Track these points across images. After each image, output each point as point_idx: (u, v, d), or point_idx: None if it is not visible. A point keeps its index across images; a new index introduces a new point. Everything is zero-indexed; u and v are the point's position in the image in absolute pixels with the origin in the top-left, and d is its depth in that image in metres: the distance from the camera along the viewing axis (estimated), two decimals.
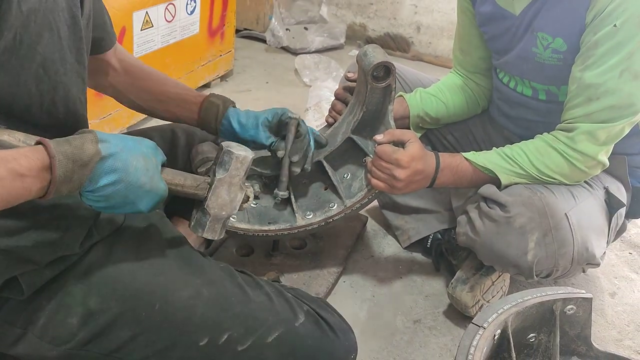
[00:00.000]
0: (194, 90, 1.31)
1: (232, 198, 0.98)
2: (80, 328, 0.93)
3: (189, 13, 2.31)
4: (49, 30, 0.83)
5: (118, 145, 0.82)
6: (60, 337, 0.93)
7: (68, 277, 0.93)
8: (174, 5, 2.19)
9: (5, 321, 0.93)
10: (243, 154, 0.97)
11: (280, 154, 1.21)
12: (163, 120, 1.31)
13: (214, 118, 1.22)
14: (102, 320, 0.93)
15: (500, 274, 1.45)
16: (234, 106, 1.25)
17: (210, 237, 1.01)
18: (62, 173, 0.75)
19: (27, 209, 0.83)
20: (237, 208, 1.00)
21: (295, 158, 1.22)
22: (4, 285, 0.89)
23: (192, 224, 1.01)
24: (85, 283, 0.93)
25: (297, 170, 1.25)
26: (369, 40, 3.50)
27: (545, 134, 1.28)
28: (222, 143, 0.99)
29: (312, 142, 1.26)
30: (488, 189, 1.28)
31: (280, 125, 1.21)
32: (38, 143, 0.77)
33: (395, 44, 3.40)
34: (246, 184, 1.01)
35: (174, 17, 2.22)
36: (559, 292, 0.95)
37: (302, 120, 1.22)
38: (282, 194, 1.26)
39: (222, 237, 1.03)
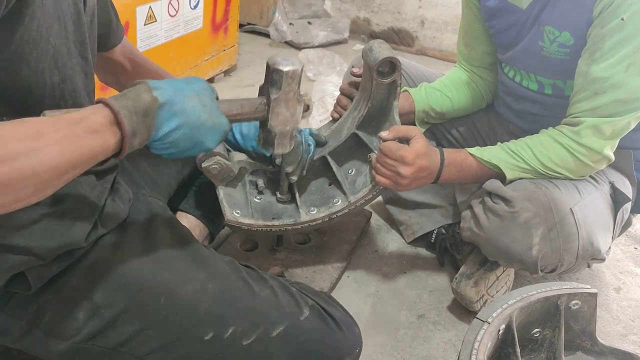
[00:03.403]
0: None
1: (292, 112, 1.01)
2: (86, 322, 0.93)
3: (193, 7, 2.30)
4: (57, 23, 0.83)
5: (170, 89, 0.82)
6: (66, 331, 0.94)
7: (74, 271, 0.93)
8: (177, 0, 2.19)
9: (11, 315, 0.93)
10: (291, 68, 0.97)
11: (278, 161, 1.26)
12: None
13: None
14: (107, 315, 0.93)
15: (505, 269, 1.44)
16: None
17: (281, 152, 1.06)
18: (129, 126, 0.75)
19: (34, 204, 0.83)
20: (299, 120, 1.03)
21: (289, 169, 1.27)
22: (11, 280, 0.89)
23: (261, 143, 1.04)
24: (91, 277, 0.94)
25: (294, 178, 1.29)
26: (373, 35, 3.49)
27: (550, 128, 1.28)
28: (268, 60, 1.00)
29: (312, 147, 1.29)
30: (493, 184, 1.27)
31: None
32: (97, 102, 0.77)
33: (399, 38, 3.39)
34: (302, 94, 1.03)
35: (177, 11, 2.21)
36: (563, 287, 0.94)
37: (298, 131, 1.25)
38: (283, 197, 1.35)
39: (292, 148, 1.08)
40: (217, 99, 0.93)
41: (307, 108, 1.03)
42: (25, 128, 0.67)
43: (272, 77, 0.98)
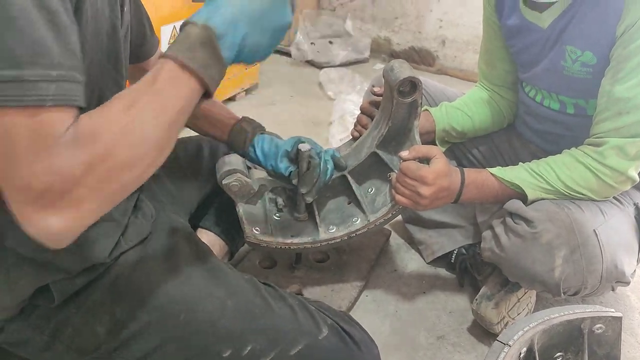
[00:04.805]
0: (228, 110, 1.34)
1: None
2: (107, 337, 0.94)
3: None
4: (95, 36, 0.85)
5: (212, 7, 0.76)
6: (87, 345, 0.95)
7: (96, 286, 0.95)
8: None
9: (34, 327, 0.95)
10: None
11: (295, 182, 1.26)
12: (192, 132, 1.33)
13: (242, 143, 1.27)
14: (128, 330, 0.94)
15: (527, 290, 1.42)
16: (263, 132, 1.29)
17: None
18: (192, 62, 0.72)
19: None
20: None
21: (304, 190, 1.27)
22: (36, 292, 0.91)
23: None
24: (113, 292, 0.95)
25: (309, 199, 1.29)
26: (394, 54, 3.51)
27: (573, 148, 1.27)
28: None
29: (329, 170, 1.28)
30: (514, 204, 1.26)
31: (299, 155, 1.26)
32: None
33: (420, 57, 3.40)
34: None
35: None
36: (587, 310, 0.93)
37: (316, 153, 1.25)
38: (300, 216, 1.36)
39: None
40: None
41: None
42: (117, 106, 0.69)
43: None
